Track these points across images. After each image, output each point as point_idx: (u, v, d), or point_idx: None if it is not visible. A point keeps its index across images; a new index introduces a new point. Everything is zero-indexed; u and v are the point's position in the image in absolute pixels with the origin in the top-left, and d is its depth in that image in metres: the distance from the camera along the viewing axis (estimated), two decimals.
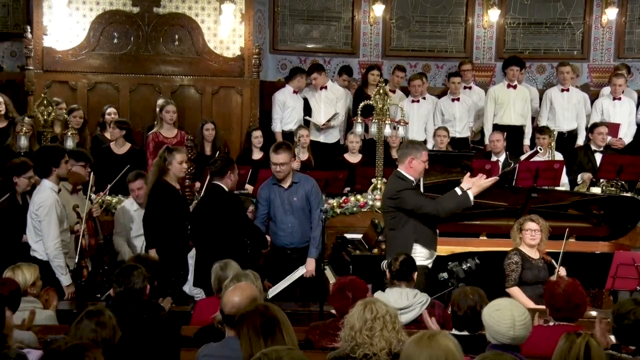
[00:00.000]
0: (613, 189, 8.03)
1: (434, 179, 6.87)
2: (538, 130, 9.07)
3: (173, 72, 9.68)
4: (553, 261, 6.19)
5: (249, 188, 7.85)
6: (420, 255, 5.85)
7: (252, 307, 3.50)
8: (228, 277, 4.69)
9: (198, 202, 6.88)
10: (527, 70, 10.72)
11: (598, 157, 8.60)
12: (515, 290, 6.17)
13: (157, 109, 8.75)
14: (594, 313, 5.49)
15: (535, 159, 8.14)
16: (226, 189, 6.40)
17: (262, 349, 3.18)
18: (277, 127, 9.56)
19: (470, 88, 10.27)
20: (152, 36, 9.60)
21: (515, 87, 9.80)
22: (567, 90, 9.73)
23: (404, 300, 5.00)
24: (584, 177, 8.54)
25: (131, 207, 7.11)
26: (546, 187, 7.46)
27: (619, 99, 9.49)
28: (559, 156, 8.73)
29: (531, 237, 6.21)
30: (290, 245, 6.73)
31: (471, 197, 5.92)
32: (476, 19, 11.11)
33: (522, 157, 8.54)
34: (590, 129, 9.05)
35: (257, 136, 8.93)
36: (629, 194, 7.81)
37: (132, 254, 6.57)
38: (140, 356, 4.09)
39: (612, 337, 4.04)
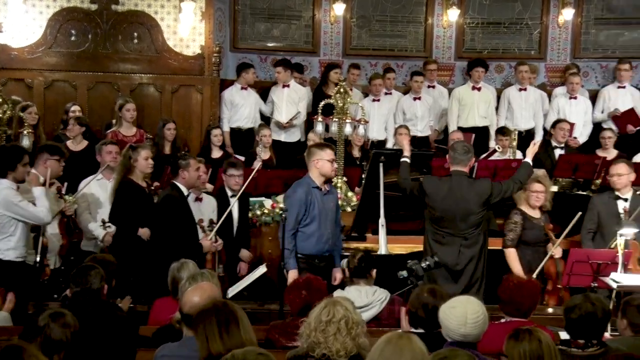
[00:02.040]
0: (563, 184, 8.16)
1: (394, 177, 6.92)
2: (498, 131, 9.17)
3: (132, 70, 9.59)
4: (553, 236, 6.33)
5: (209, 187, 7.81)
6: None
7: (210, 304, 3.47)
8: (183, 278, 4.66)
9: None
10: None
11: (558, 154, 8.71)
12: (511, 253, 6.36)
13: (117, 108, 8.66)
14: (550, 310, 5.59)
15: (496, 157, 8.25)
16: (184, 189, 6.35)
17: (219, 345, 3.17)
18: (225, 126, 9.54)
19: (434, 87, 10.36)
20: (111, 34, 9.49)
21: (479, 89, 9.91)
22: (525, 89, 9.86)
23: (364, 298, 5.02)
24: (537, 173, 8.64)
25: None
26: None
27: (575, 97, 9.65)
28: (520, 156, 8.85)
29: (536, 199, 6.50)
30: (323, 253, 6.33)
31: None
32: (436, 18, 11.18)
33: (481, 157, 8.64)
34: (553, 124, 9.17)
35: (217, 134, 8.88)
36: (584, 193, 7.94)
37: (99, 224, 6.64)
38: (96, 356, 4.05)
39: (564, 333, 4.10)
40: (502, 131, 9.02)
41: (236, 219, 7.19)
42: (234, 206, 7.05)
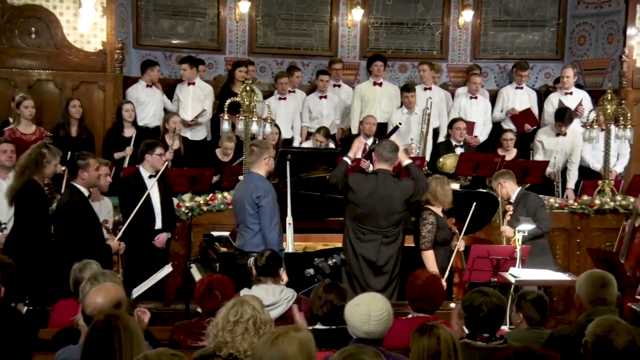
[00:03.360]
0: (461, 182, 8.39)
1: (303, 176, 6.95)
2: (403, 88, 9.49)
3: (30, 65, 9.29)
4: (457, 231, 6.46)
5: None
6: None
7: (101, 317, 3.34)
8: (85, 278, 4.54)
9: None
10: (390, 69, 11.00)
11: (459, 152, 8.94)
12: (429, 255, 6.47)
13: (14, 104, 8.37)
14: (452, 305, 5.72)
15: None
16: (84, 190, 6.16)
17: None
18: None
19: (339, 86, 10.44)
20: (7, 28, 9.16)
21: (380, 84, 10.03)
22: (430, 89, 10.02)
23: (271, 297, 5.01)
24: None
25: None
26: None
27: (476, 97, 9.92)
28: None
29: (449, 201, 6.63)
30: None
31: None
32: (341, 18, 11.29)
33: (387, 135, 8.77)
34: (450, 124, 9.42)
35: (128, 109, 8.72)
36: (485, 190, 8.16)
37: None
38: None
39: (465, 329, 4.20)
40: (407, 88, 9.33)
41: (158, 201, 7.01)
42: (154, 188, 6.91)
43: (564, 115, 8.92)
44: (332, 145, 9.36)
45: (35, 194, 6.26)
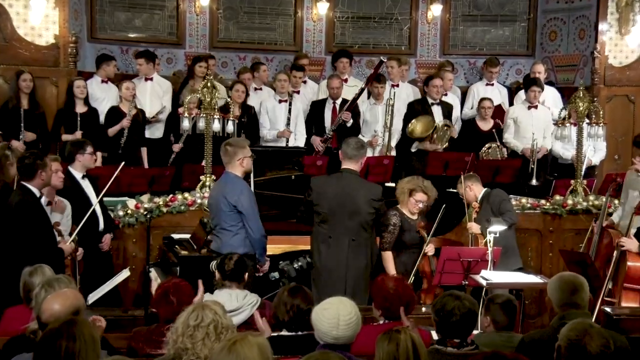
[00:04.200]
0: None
1: (268, 176, 6.95)
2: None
3: None
4: (425, 234, 6.51)
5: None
6: None
7: (56, 324, 3.30)
8: (35, 283, 4.48)
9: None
10: (356, 64, 11.02)
11: (435, 111, 9.22)
12: (387, 256, 6.55)
13: None
14: (424, 309, 5.75)
15: None
16: (36, 191, 6.06)
17: None
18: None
19: (305, 82, 10.35)
20: None
21: (346, 80, 10.00)
22: (397, 85, 9.99)
23: (234, 302, 5.00)
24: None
25: None
26: None
27: (446, 94, 9.92)
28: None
29: (416, 207, 6.65)
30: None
31: None
32: (305, 11, 11.29)
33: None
34: (426, 81, 9.56)
35: (79, 86, 8.67)
36: (454, 190, 8.21)
37: None
38: None
39: (434, 333, 4.23)
40: (379, 79, 9.36)
41: (96, 202, 6.87)
42: (90, 189, 6.87)
43: (535, 80, 9.22)
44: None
45: None
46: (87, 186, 6.90)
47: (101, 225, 6.98)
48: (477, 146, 9.14)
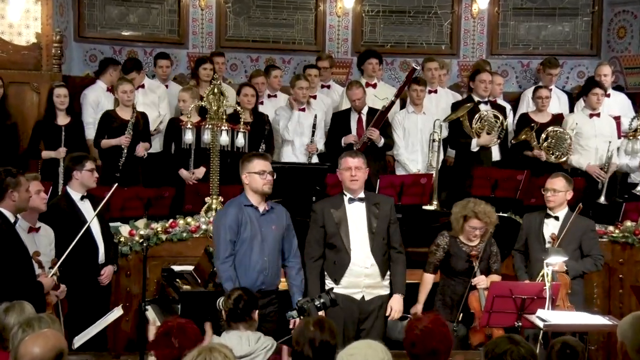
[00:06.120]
0: None
1: None
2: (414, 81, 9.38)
3: None
4: (476, 263, 6.60)
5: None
6: None
7: None
8: (11, 323, 4.50)
9: None
10: (388, 67, 11.04)
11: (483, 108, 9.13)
12: (425, 278, 6.79)
13: None
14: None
15: None
16: (9, 215, 6.06)
17: None
18: (93, 132, 9.01)
19: (329, 87, 10.38)
20: None
21: (374, 85, 10.00)
22: (435, 91, 9.96)
23: (245, 347, 4.99)
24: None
25: None
26: None
27: (487, 102, 9.56)
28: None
29: (473, 236, 6.71)
30: (257, 286, 6.11)
31: None
32: (328, 5, 11.33)
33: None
34: (472, 76, 9.55)
35: (60, 94, 8.62)
36: (506, 215, 8.16)
37: None
38: None
39: None
40: (417, 80, 9.30)
41: (98, 229, 6.90)
42: (91, 214, 6.81)
43: (597, 81, 9.15)
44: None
45: None
46: (86, 209, 6.88)
47: (101, 256, 6.98)
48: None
